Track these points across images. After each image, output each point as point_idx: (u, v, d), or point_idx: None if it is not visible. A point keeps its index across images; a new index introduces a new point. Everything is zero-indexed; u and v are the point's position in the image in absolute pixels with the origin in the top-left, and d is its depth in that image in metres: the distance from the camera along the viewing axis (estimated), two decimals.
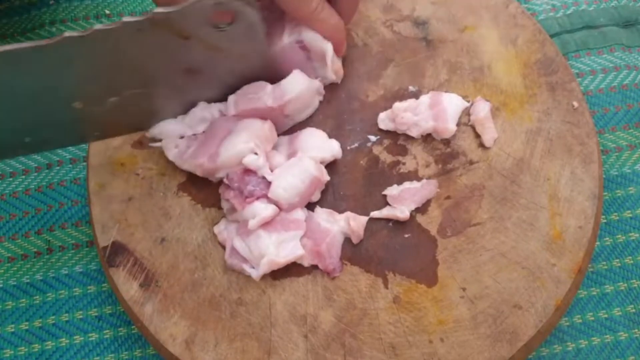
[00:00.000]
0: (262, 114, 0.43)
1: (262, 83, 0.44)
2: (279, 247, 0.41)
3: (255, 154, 0.42)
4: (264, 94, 0.43)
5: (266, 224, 0.41)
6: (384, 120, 0.46)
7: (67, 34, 0.34)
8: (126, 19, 0.35)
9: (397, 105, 0.45)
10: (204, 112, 0.44)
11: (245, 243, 0.41)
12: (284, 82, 0.44)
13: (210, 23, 0.38)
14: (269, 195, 0.42)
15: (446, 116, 0.45)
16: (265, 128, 0.43)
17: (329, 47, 0.44)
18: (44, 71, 0.36)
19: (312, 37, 0.44)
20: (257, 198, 0.42)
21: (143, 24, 0.36)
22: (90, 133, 0.43)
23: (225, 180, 0.43)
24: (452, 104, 0.46)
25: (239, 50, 0.41)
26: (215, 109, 0.45)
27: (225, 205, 0.43)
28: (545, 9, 0.55)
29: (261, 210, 0.41)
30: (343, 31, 0.45)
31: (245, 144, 0.42)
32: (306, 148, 0.44)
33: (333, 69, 0.46)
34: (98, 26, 0.35)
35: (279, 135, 0.45)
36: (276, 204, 0.42)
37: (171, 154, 0.44)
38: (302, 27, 0.44)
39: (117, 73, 0.39)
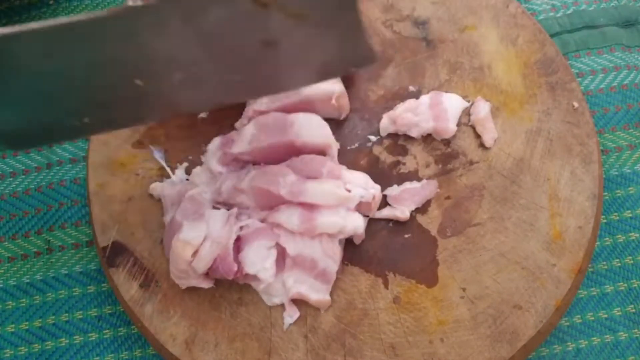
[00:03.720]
0: (272, 198, 0.41)
1: (287, 170, 0.41)
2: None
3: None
4: (283, 182, 0.40)
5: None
6: (386, 126, 0.46)
7: (131, 2, 0.31)
8: None
9: (398, 111, 0.45)
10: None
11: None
12: (312, 185, 0.40)
13: None
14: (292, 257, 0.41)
15: (446, 116, 0.45)
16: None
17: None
18: (105, 44, 0.33)
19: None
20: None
21: None
22: (151, 113, 0.39)
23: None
24: (452, 104, 0.45)
25: (326, 19, 0.35)
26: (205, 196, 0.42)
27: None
28: (545, 9, 0.55)
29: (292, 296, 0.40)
30: None
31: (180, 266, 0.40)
32: (323, 223, 0.40)
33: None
34: None
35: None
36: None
37: None
38: None
39: (185, 46, 0.34)
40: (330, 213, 0.40)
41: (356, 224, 0.41)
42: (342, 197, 0.40)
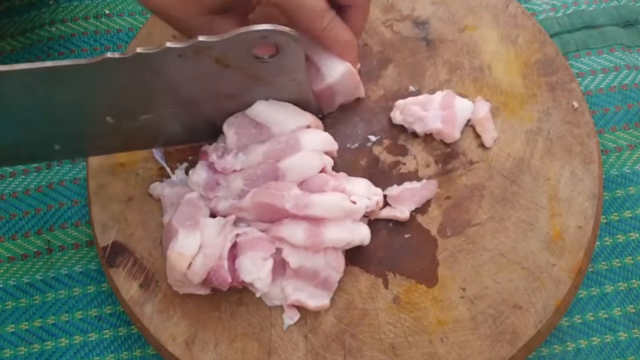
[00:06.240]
0: (275, 212, 0.40)
1: (290, 184, 0.40)
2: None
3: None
4: (288, 196, 0.39)
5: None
6: (396, 116, 0.45)
7: (109, 55, 0.35)
8: (169, 44, 0.36)
9: (406, 100, 0.46)
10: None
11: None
12: (317, 197, 0.39)
13: (252, 54, 0.37)
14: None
15: (454, 122, 0.44)
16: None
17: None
18: (81, 88, 0.37)
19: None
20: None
21: (185, 50, 0.36)
22: (119, 146, 0.43)
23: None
24: (462, 110, 0.45)
25: (279, 82, 0.41)
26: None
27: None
28: (545, 9, 0.55)
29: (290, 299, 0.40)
30: (356, 47, 0.43)
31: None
32: (331, 239, 0.39)
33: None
34: (140, 49, 0.35)
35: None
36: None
37: None
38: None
39: (153, 94, 0.39)
40: (337, 227, 0.40)
41: (363, 236, 0.40)
42: (349, 209, 0.40)
